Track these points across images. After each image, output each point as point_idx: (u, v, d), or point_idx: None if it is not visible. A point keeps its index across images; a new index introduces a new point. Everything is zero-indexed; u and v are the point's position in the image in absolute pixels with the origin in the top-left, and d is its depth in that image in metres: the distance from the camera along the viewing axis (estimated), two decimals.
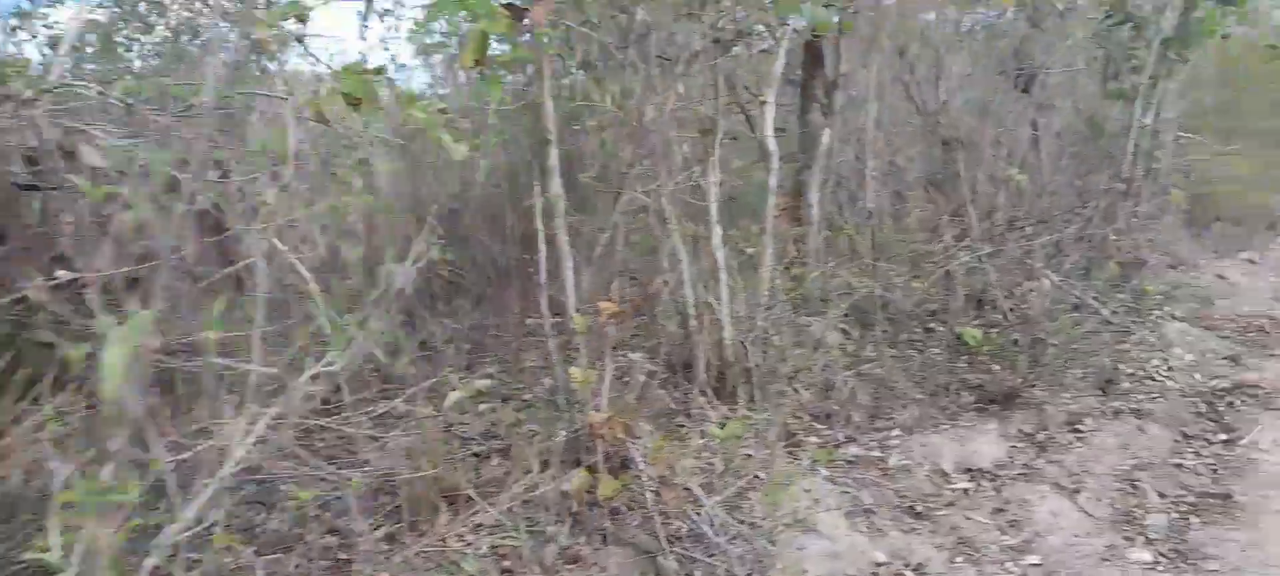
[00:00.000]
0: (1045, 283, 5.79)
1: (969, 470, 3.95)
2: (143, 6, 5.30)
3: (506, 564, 3.09)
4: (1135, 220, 6.89)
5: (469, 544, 3.13)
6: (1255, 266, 7.78)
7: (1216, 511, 3.74)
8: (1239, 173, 9.12)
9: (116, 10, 5.22)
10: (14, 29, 4.54)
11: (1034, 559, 3.40)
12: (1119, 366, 5.11)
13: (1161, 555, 3.44)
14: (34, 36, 4.70)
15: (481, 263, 5.43)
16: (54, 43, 4.45)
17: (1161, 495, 3.87)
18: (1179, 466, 4.14)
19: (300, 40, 2.28)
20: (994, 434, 4.21)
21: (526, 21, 2.42)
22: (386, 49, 5.61)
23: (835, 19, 3.69)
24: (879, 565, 3.30)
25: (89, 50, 5.11)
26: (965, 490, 3.79)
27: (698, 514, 3.18)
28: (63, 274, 2.05)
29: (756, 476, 3.53)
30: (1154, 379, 5.13)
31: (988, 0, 6.95)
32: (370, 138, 2.71)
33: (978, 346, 4.59)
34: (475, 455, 3.84)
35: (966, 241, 5.37)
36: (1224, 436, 4.46)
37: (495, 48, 2.51)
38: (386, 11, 5.06)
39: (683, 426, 4.16)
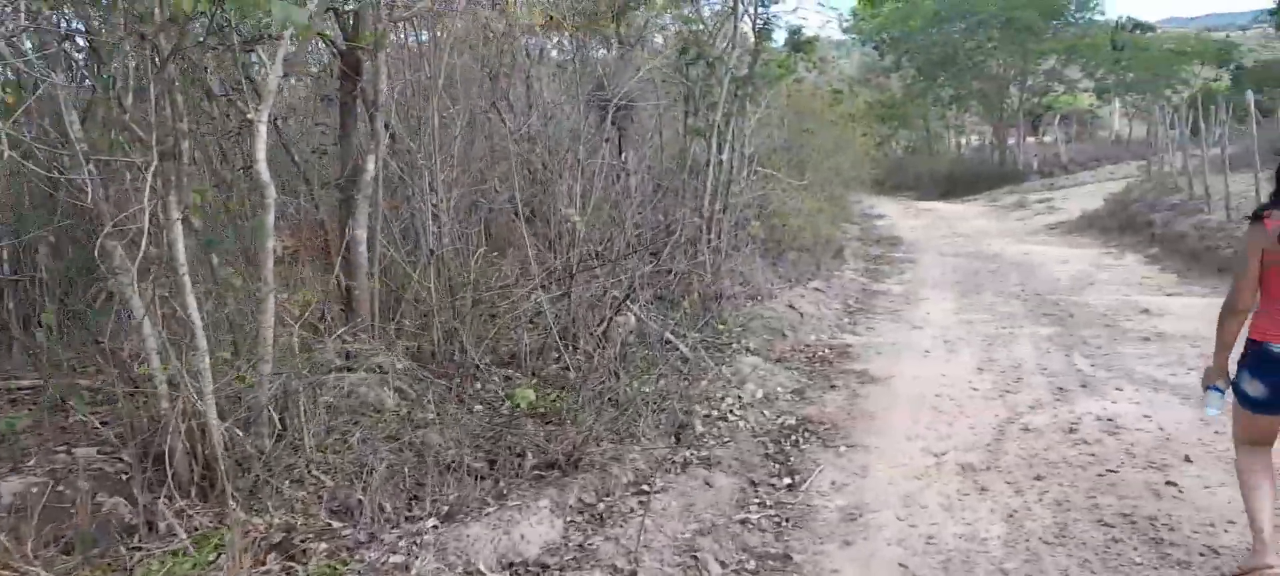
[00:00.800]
0: (630, 319, 5.27)
1: (512, 565, 3.14)
2: None
3: None
4: (716, 254, 6.69)
5: None
6: (822, 294, 7.96)
7: None
8: (808, 207, 9.54)
9: None
10: None
11: None
12: (693, 409, 4.65)
13: None
14: None
15: None
16: None
17: (722, 564, 3.32)
18: (744, 523, 3.65)
19: None
20: (548, 510, 3.45)
21: None
22: None
23: (306, 20, 2.73)
24: None
25: None
26: None
27: None
28: None
29: None
30: (727, 419, 4.73)
31: (570, 31, 6.43)
32: None
33: (531, 407, 3.84)
34: None
35: (537, 281, 4.66)
36: (788, 480, 4.09)
37: None
38: None
39: (141, 549, 2.96)
